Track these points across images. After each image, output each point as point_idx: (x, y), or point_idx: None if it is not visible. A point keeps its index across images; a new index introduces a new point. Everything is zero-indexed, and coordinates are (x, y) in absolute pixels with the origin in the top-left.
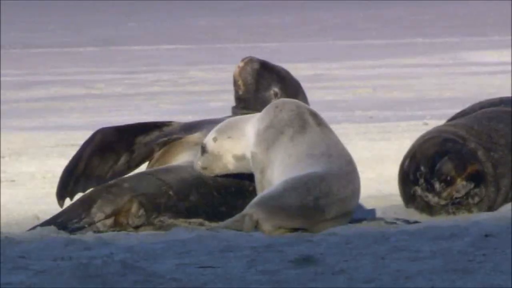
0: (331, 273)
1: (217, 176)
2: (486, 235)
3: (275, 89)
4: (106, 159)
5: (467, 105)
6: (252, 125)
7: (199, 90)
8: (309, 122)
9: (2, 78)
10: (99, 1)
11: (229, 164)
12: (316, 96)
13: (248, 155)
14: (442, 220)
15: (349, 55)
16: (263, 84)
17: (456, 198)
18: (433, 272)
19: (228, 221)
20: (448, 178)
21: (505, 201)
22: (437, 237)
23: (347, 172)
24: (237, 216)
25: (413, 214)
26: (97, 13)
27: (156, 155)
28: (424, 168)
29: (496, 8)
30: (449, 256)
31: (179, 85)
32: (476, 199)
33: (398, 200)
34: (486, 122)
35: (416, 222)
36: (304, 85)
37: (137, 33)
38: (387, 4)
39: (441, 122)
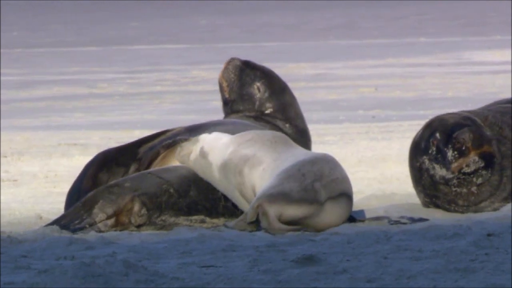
0: (333, 273)
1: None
2: (489, 235)
3: (258, 83)
4: (114, 173)
5: (469, 104)
6: (229, 137)
7: (201, 90)
8: (290, 139)
9: (4, 78)
10: (101, 1)
11: (193, 153)
12: (318, 96)
13: (210, 158)
14: (445, 219)
15: (351, 55)
16: (246, 80)
17: (463, 172)
18: (436, 271)
19: (233, 222)
20: (464, 148)
21: (509, 194)
22: (439, 236)
23: (331, 158)
24: (241, 216)
25: (415, 212)
26: (99, 12)
27: (158, 158)
28: (439, 135)
29: (498, 8)
30: (451, 256)
31: (181, 85)
32: (480, 180)
33: (400, 199)
34: (500, 116)
35: (421, 219)
36: (306, 85)
37: (139, 32)
38: (389, 3)
39: None
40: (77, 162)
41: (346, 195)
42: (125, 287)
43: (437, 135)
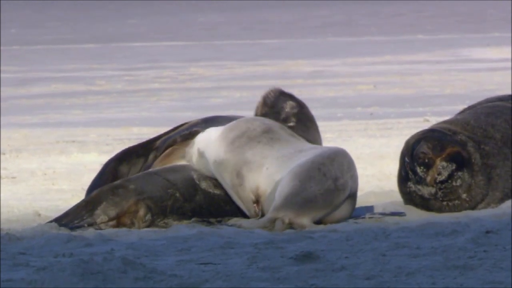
0: (331, 270)
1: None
2: (487, 232)
3: (291, 101)
4: (134, 164)
5: (467, 101)
6: (219, 131)
7: (199, 87)
8: (281, 134)
9: (2, 75)
10: None
11: (194, 156)
12: (317, 93)
13: (207, 155)
14: (443, 216)
15: (350, 52)
16: (281, 99)
17: (439, 182)
18: (434, 268)
19: (254, 225)
20: (426, 160)
21: (503, 191)
22: (437, 233)
23: (345, 152)
24: (263, 221)
25: (413, 209)
26: (97, 10)
27: (162, 155)
28: (408, 158)
29: (497, 5)
30: (450, 253)
31: (179, 82)
32: (459, 181)
33: (399, 196)
34: (484, 117)
35: (401, 213)
36: (304, 82)
37: (137, 30)
38: (387, 1)
39: (442, 118)
40: (75, 159)
41: (356, 193)
42: (123, 284)
43: (406, 159)
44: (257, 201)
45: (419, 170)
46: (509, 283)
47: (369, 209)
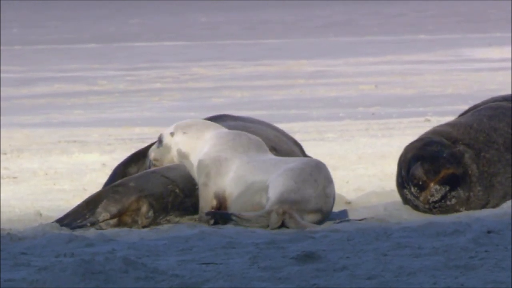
0: (333, 270)
1: None
2: (488, 232)
3: None
4: (142, 164)
5: (469, 101)
6: (210, 136)
7: (201, 87)
8: (265, 147)
9: (4, 75)
10: None
11: (174, 158)
12: (318, 93)
13: (192, 158)
14: (444, 216)
15: (351, 52)
16: None
17: (433, 202)
18: (436, 268)
19: (252, 215)
20: (420, 182)
21: (505, 197)
22: (439, 233)
23: (324, 164)
24: (261, 212)
25: (414, 210)
26: (98, 9)
27: None
28: (403, 172)
29: (498, 5)
30: (451, 253)
31: (181, 82)
32: (453, 201)
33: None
34: (487, 120)
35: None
36: (306, 82)
37: (139, 30)
38: (389, 1)
39: (443, 118)
40: (77, 159)
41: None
42: (124, 284)
43: (402, 171)
44: (217, 208)
45: (413, 189)
46: (510, 283)
47: (370, 209)
